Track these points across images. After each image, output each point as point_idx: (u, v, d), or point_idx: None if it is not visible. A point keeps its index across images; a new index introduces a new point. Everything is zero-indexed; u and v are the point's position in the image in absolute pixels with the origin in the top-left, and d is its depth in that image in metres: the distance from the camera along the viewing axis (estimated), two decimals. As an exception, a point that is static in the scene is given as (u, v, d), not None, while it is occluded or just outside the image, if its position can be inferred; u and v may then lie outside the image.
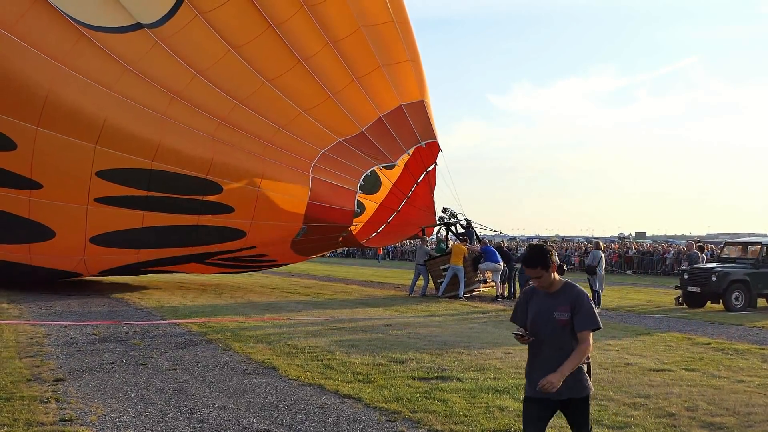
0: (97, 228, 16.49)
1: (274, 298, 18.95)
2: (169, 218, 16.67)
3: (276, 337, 11.44)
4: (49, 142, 15.36)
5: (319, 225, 17.60)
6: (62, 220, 16.32)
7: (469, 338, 11.65)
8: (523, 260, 4.59)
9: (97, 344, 10.60)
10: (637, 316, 15.83)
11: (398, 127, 19.68)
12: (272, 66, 17.33)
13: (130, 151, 15.73)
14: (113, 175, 15.86)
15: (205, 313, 14.70)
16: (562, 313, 4.45)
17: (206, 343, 10.89)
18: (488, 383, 8.01)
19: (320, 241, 18.72)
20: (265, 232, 17.40)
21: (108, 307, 15.97)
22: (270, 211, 17.02)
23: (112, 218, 16.34)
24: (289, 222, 17.38)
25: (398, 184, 21.86)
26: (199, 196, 16.52)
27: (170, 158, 16.03)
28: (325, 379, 8.21)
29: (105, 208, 16.13)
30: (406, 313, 15.66)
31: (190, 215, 16.75)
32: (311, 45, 17.80)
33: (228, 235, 17.31)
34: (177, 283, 23.88)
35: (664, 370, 8.98)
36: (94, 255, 17.23)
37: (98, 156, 15.58)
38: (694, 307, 17.61)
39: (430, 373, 8.57)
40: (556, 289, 4.56)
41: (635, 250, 40.63)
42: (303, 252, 19.77)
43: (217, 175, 16.45)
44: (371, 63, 19.01)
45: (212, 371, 8.68)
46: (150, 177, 16.01)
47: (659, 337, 12.19)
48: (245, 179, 16.74)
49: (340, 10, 18.13)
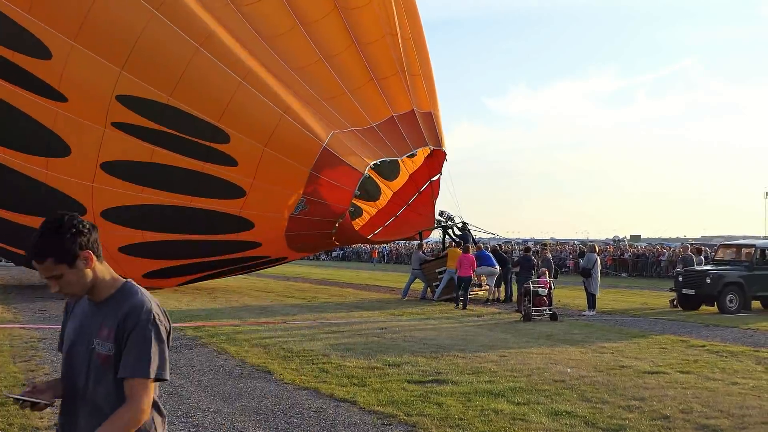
0: (109, 154, 16.88)
1: (270, 302, 18.93)
2: (176, 158, 16.96)
3: (271, 340, 11.44)
4: (81, 57, 16.01)
5: (318, 202, 17.72)
6: (79, 138, 16.82)
7: (464, 341, 11.66)
8: (27, 248, 2.62)
9: (91, 348, 10.55)
10: (631, 318, 15.86)
11: (409, 129, 20.26)
12: (301, 55, 18.35)
13: (151, 81, 16.28)
14: (132, 102, 16.41)
15: (200, 317, 14.69)
16: (104, 342, 2.57)
17: (201, 346, 10.88)
18: (483, 386, 8.01)
19: (316, 227, 18.55)
20: (264, 195, 17.53)
21: (103, 311, 15.89)
22: (272, 174, 17.24)
23: (124, 146, 16.79)
24: (289, 189, 17.57)
25: (400, 192, 22.45)
26: (206, 141, 16.84)
27: (187, 95, 16.51)
28: (320, 382, 8.21)
29: (119, 134, 16.60)
30: (401, 317, 15.66)
31: (196, 160, 17.01)
32: (339, 43, 19.03)
33: (228, 191, 17.45)
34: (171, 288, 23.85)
35: (659, 372, 9.00)
36: (102, 184, 17.36)
37: (122, 80, 16.17)
38: (688, 309, 17.65)
39: (425, 377, 8.57)
40: (104, 298, 2.65)
41: (630, 252, 40.70)
42: (298, 246, 19.73)
43: (228, 124, 16.75)
44: (391, 68, 20.01)
45: (207, 375, 8.67)
46: (164, 111, 16.49)
47: (654, 339, 12.21)
48: (254, 135, 17.02)
49: (371, 17, 19.54)
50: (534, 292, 15.29)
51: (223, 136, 16.79)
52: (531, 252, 18.02)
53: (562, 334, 12.76)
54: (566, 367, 9.25)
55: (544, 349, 10.92)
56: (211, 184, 17.28)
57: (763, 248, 17.96)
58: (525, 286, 15.54)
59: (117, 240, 18.13)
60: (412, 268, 21.74)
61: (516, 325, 14.19)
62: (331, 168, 17.68)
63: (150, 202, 17.65)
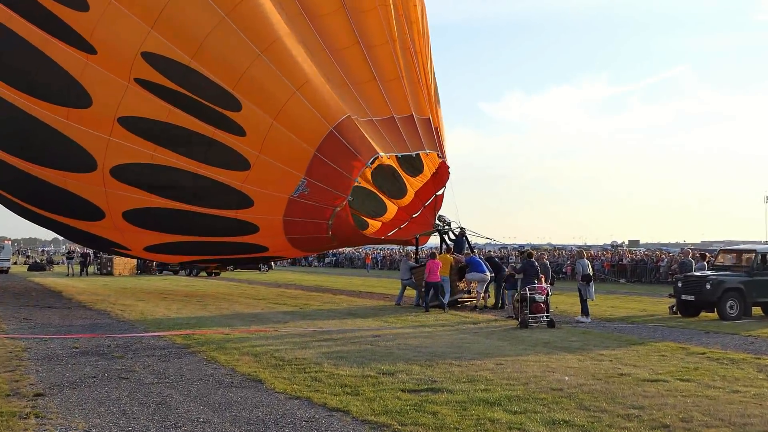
0: (129, 109, 17.69)
1: (261, 309, 18.89)
2: (190, 121, 17.68)
3: (262, 349, 11.42)
4: (115, 12, 17.30)
5: (318, 185, 17.97)
6: (103, 91, 17.78)
7: (459, 349, 11.65)
8: None
9: (78, 358, 10.54)
10: (630, 325, 15.88)
11: (425, 132, 21.07)
12: (340, 38, 19.36)
13: (176, 42, 17.22)
14: (156, 60, 17.39)
15: (189, 325, 14.65)
16: None
17: (190, 355, 10.85)
18: (479, 395, 8.01)
19: (314, 213, 18.63)
20: (267, 171, 17.94)
21: (89, 319, 15.89)
22: (277, 149, 17.78)
23: (143, 103, 17.62)
24: (292, 168, 17.95)
25: (406, 208, 23.13)
26: (219, 107, 17.54)
27: (208, 60, 17.33)
28: (312, 391, 8.19)
29: (141, 91, 17.58)
30: (395, 324, 15.65)
31: (208, 125, 17.73)
32: (380, 36, 20.25)
33: (235, 161, 17.97)
34: (160, 295, 23.82)
35: (659, 380, 9.01)
36: (117, 138, 17.97)
37: (149, 39, 17.27)
38: (688, 315, 17.67)
39: (420, 385, 8.56)
40: None
41: (628, 257, 40.80)
42: (295, 237, 19.84)
43: (241, 92, 17.39)
44: (394, 72, 20.68)
45: (197, 384, 8.64)
46: (184, 73, 17.33)
47: (653, 346, 12.23)
48: (265, 107, 17.60)
49: (377, 22, 20.38)
50: (531, 298, 15.29)
51: (235, 104, 17.49)
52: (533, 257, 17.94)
53: (559, 341, 12.77)
54: (564, 375, 9.25)
55: (542, 356, 10.92)
56: (220, 152, 17.90)
57: (763, 253, 17.98)
58: (522, 292, 15.53)
59: (123, 203, 18.95)
60: (401, 278, 21.67)
61: (513, 333, 14.19)
62: (336, 152, 18.00)
63: (161, 163, 18.20)
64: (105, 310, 17.96)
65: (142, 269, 43.98)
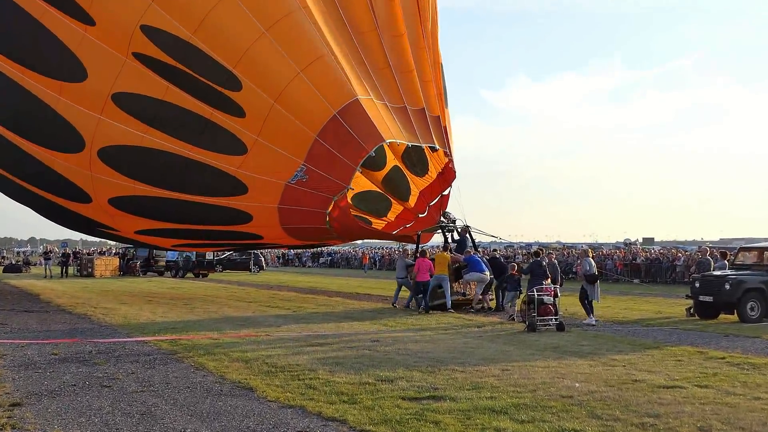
0: (124, 85, 17.75)
1: (252, 313, 18.91)
2: (186, 100, 17.74)
3: (253, 354, 11.42)
4: None
5: (317, 173, 17.98)
6: (99, 64, 17.86)
7: (463, 354, 11.66)
8: None
9: (57, 365, 10.54)
10: (645, 328, 15.90)
11: (435, 129, 21.29)
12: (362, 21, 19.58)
13: (177, 16, 17.32)
14: (155, 34, 17.44)
15: (175, 330, 14.65)
16: None
17: (177, 362, 10.85)
18: (484, 403, 8.01)
19: (311, 202, 18.66)
20: (265, 156, 17.96)
21: (69, 324, 15.89)
22: (277, 132, 17.81)
23: (140, 79, 17.68)
24: (291, 153, 17.97)
25: (412, 208, 23.31)
26: (219, 85, 17.56)
27: (209, 36, 17.35)
28: (307, 400, 8.20)
29: (138, 66, 17.63)
30: (394, 328, 15.67)
31: (206, 105, 17.77)
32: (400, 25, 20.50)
33: (230, 145, 18.00)
34: (145, 297, 23.82)
35: (675, 387, 9.02)
36: (109, 117, 18.03)
37: (150, 11, 17.31)
38: (706, 318, 17.69)
39: (421, 393, 8.57)
40: None
41: (643, 256, 40.82)
42: (291, 227, 19.92)
43: (243, 71, 17.40)
44: (409, 65, 20.90)
45: (184, 393, 8.64)
46: (184, 48, 17.36)
47: (669, 351, 12.24)
48: (266, 87, 17.60)
49: (393, 11, 20.49)
50: (539, 300, 15.29)
51: (236, 83, 17.49)
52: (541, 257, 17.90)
53: (569, 345, 12.78)
54: (574, 382, 9.26)
55: (551, 362, 10.94)
56: (216, 134, 17.94)
57: (786, 251, 18.00)
58: (529, 293, 15.54)
59: (109, 189, 19.02)
60: (397, 276, 21.77)
61: (519, 336, 14.20)
62: (339, 138, 18.04)
63: (151, 146, 18.22)
64: (86, 313, 17.96)
65: (125, 270, 44.03)
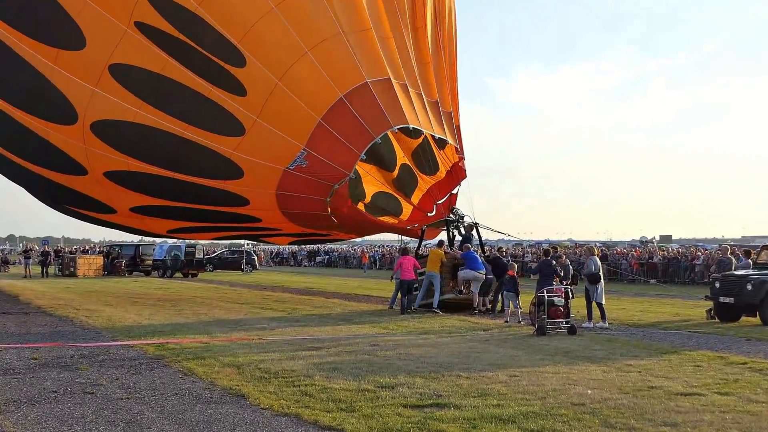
0: (122, 56, 17.79)
1: (244, 315, 18.92)
2: (185, 75, 17.79)
3: (245, 359, 11.42)
4: None
5: (318, 158, 18.05)
6: (98, 32, 17.83)
7: (468, 359, 11.66)
8: None
9: (37, 370, 10.54)
10: (662, 332, 15.90)
11: (449, 124, 21.79)
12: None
13: None
14: (159, 2, 17.47)
15: (163, 333, 14.65)
16: None
17: (164, 367, 10.86)
18: (491, 411, 8.01)
19: (311, 189, 18.72)
20: (263, 139, 18.02)
21: (50, 327, 15.90)
22: (279, 113, 17.89)
23: (139, 51, 17.71)
24: (292, 136, 18.04)
25: (420, 206, 23.53)
26: (222, 60, 17.61)
27: (216, 8, 17.44)
28: (302, 408, 8.20)
29: (139, 37, 17.65)
30: (395, 331, 15.67)
31: (206, 81, 17.81)
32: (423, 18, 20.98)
33: (228, 125, 18.06)
34: (130, 299, 23.83)
35: (694, 394, 9.02)
36: (103, 89, 18.09)
37: None
38: (727, 320, 17.68)
39: (423, 400, 8.57)
40: None
41: (660, 255, 40.83)
42: (290, 213, 19.95)
43: (248, 47, 17.49)
44: (426, 58, 21.45)
45: (171, 400, 8.65)
46: (190, 19, 17.42)
47: (687, 355, 12.24)
48: (271, 65, 17.68)
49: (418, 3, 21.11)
50: (549, 302, 15.27)
51: (240, 59, 17.54)
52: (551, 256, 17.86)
53: (581, 350, 12.79)
54: (587, 389, 9.26)
55: (561, 367, 10.94)
56: (213, 113, 17.98)
57: (812, 249, 17.99)
58: (539, 294, 15.52)
59: (104, 162, 19.23)
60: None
61: (528, 341, 14.21)
62: (344, 123, 18.13)
63: (144, 122, 18.25)
64: (68, 316, 17.96)
65: (110, 270, 44.10)
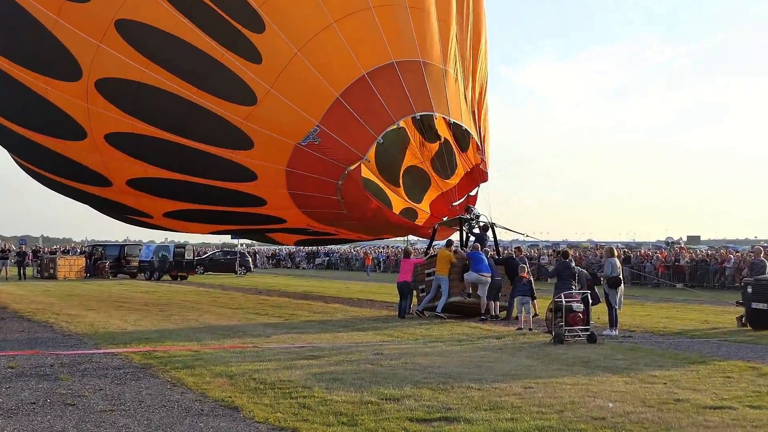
0: (130, 11, 17.99)
1: (237, 321, 18.93)
2: (197, 36, 17.90)
3: (239, 369, 11.43)
4: None
5: (332, 137, 18.20)
6: None
7: (480, 369, 11.66)
8: None
9: (14, 380, 10.56)
10: (689, 340, 15.90)
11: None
12: None
13: None
14: None
15: (150, 340, 14.67)
16: None
17: (151, 377, 10.87)
18: (504, 425, 8.02)
19: (321, 169, 18.83)
20: (276, 110, 18.16)
21: (28, 333, 15.92)
22: (295, 84, 18.06)
23: (149, 6, 17.88)
24: (306, 110, 18.19)
25: (434, 207, 23.79)
26: (238, 22, 17.79)
27: None
28: (300, 421, 8.21)
29: None
30: (401, 338, 15.68)
31: (219, 45, 17.94)
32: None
33: (239, 92, 18.21)
34: (115, 303, 23.87)
35: (723, 407, 9.01)
36: (108, 45, 18.21)
37: None
38: (760, 328, 17.66)
39: (431, 413, 8.58)
40: None
41: (687, 257, 40.79)
42: (298, 193, 20.01)
43: (268, 11, 17.74)
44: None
45: (158, 413, 8.66)
46: None
47: (717, 366, 12.23)
48: (291, 33, 17.89)
49: None
50: (567, 307, 15.25)
51: (259, 24, 17.73)
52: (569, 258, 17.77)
53: (602, 359, 12.78)
54: (607, 401, 9.26)
55: (580, 378, 10.94)
56: (224, 78, 18.13)
57: None
58: (556, 300, 15.51)
59: (106, 123, 19.52)
60: None
61: (544, 349, 14.20)
62: (364, 102, 18.31)
63: (150, 82, 18.39)
64: (47, 321, 17.98)
65: (93, 272, 44.14)
